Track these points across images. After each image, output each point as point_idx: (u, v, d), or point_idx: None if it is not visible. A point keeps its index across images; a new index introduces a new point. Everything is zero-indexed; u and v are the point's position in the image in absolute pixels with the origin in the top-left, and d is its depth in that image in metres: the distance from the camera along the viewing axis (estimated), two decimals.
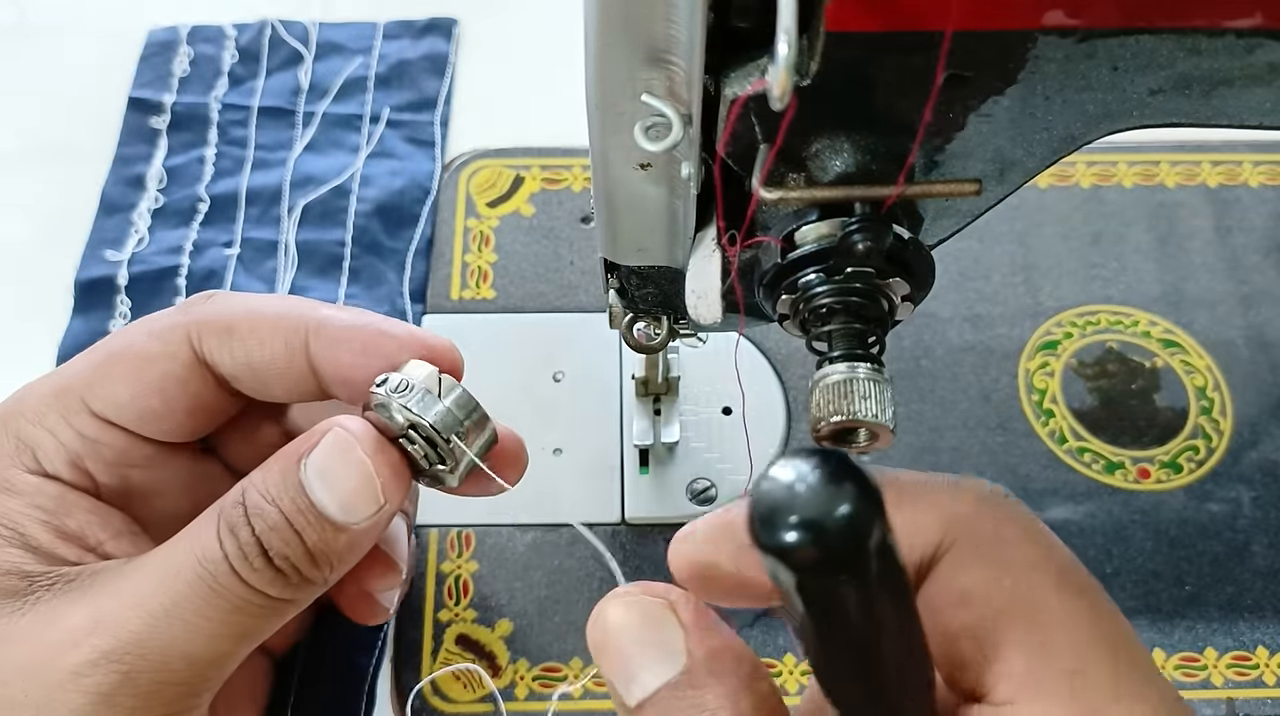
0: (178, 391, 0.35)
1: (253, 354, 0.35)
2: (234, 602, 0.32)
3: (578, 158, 0.59)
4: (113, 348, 0.36)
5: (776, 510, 0.18)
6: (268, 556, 0.32)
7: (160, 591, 0.32)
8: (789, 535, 0.18)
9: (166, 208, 0.58)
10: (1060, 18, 0.24)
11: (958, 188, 0.27)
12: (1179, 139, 0.60)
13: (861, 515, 0.18)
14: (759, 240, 0.30)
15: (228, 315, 0.35)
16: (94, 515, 0.35)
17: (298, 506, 0.33)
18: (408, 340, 0.35)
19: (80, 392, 0.35)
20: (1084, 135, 0.29)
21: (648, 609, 0.26)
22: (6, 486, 0.34)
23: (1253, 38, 0.26)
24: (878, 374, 0.28)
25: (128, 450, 0.35)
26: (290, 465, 0.33)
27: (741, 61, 0.26)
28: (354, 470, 0.33)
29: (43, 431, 0.34)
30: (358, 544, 0.34)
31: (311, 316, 0.35)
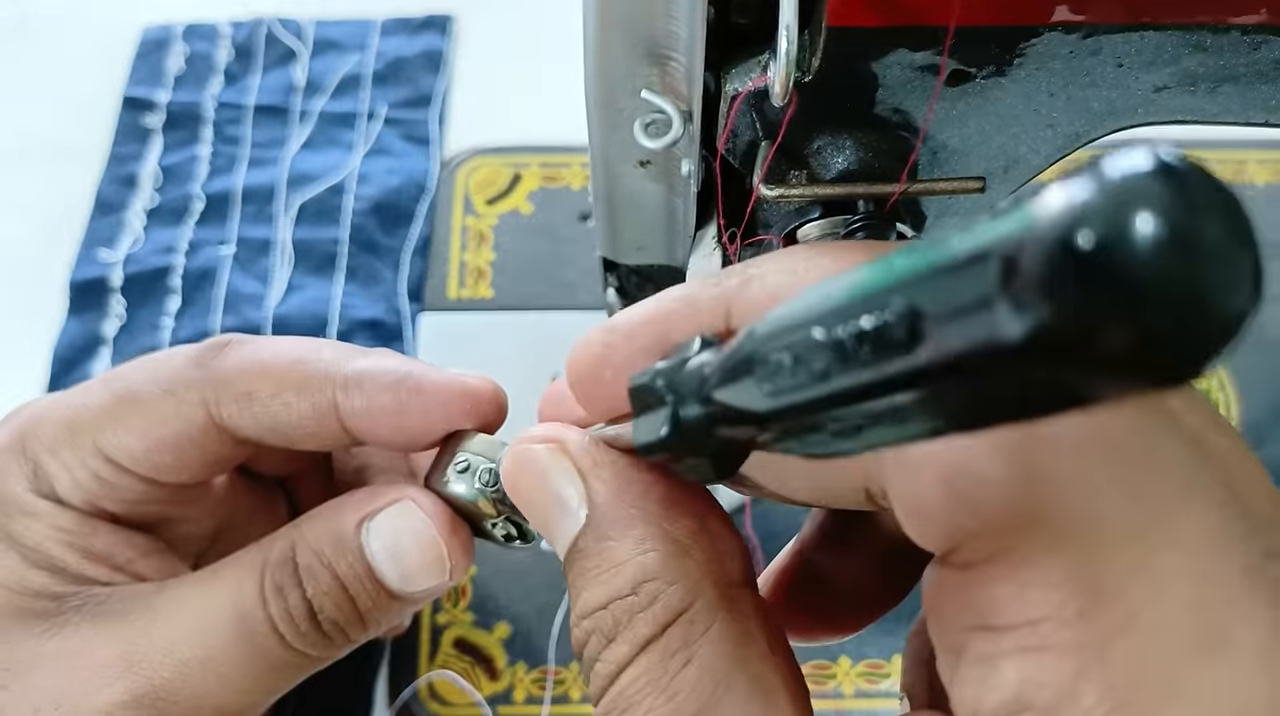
0: (192, 450, 0.33)
1: (278, 418, 0.33)
2: (272, 661, 0.31)
3: (577, 155, 0.59)
4: (121, 391, 0.33)
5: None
6: (316, 620, 0.31)
7: (196, 641, 0.31)
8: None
9: (161, 207, 0.57)
10: (1065, 13, 0.24)
11: (961, 185, 0.27)
12: (1184, 136, 0.60)
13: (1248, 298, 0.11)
14: (760, 238, 0.29)
15: (247, 377, 0.33)
16: (118, 535, 0.33)
17: (355, 572, 0.31)
18: (448, 392, 0.33)
19: (93, 435, 0.33)
20: (1089, 132, 0.28)
21: (537, 457, 0.23)
22: (30, 510, 0.33)
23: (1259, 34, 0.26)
24: None
25: (146, 491, 0.34)
26: (347, 527, 0.32)
27: (742, 58, 0.26)
28: (423, 546, 0.32)
29: (58, 465, 0.33)
30: (409, 609, 0.34)
31: (338, 374, 0.33)
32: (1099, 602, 0.16)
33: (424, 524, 0.32)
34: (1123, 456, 0.17)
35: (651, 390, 0.19)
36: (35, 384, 0.53)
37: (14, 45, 0.64)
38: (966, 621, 0.17)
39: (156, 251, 0.56)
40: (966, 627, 0.17)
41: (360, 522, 0.32)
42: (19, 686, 0.31)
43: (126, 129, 0.60)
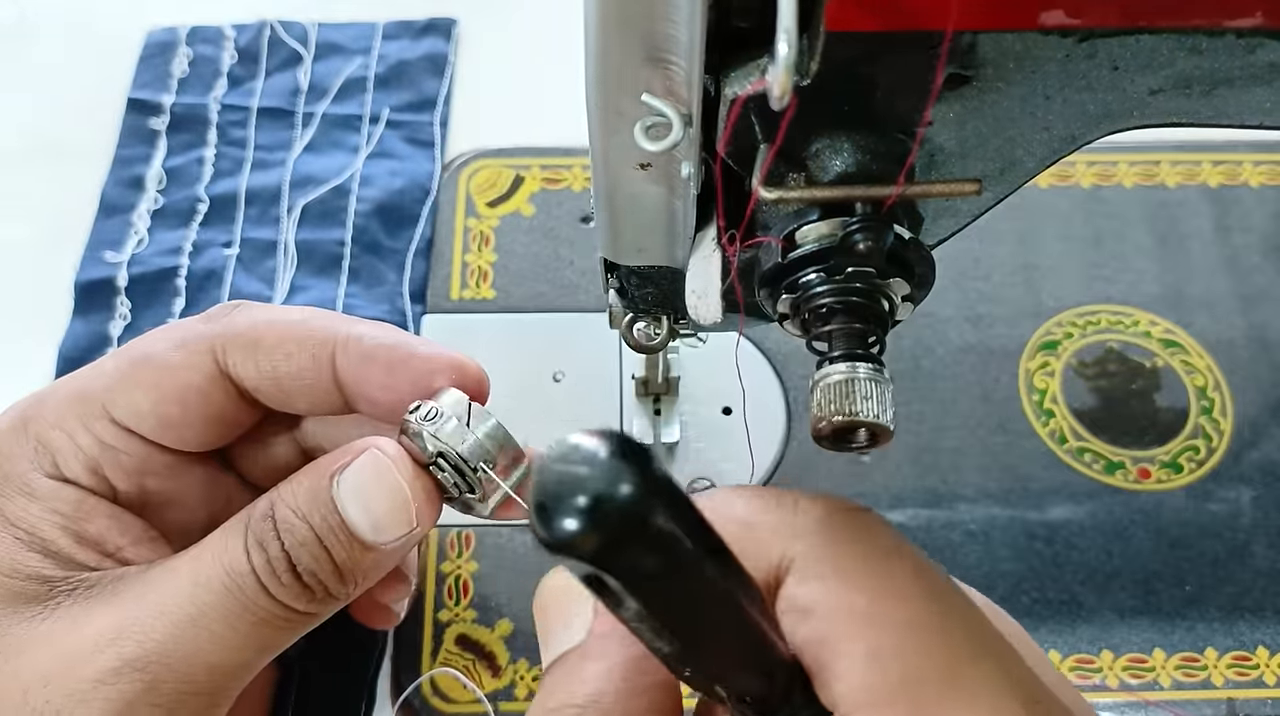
0: (198, 402, 0.35)
1: (279, 367, 0.35)
2: (259, 615, 0.32)
3: (578, 157, 0.59)
4: (135, 355, 0.35)
5: (550, 501, 0.17)
6: (296, 571, 0.32)
7: (186, 601, 0.31)
8: (566, 523, 0.17)
9: (166, 208, 0.58)
10: (1061, 17, 0.24)
11: (958, 188, 0.27)
12: (1179, 139, 0.60)
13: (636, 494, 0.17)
14: (759, 240, 0.30)
15: (254, 328, 0.35)
16: (113, 520, 0.34)
17: (329, 524, 0.32)
18: (437, 362, 0.35)
19: (101, 399, 0.34)
20: (1084, 135, 0.29)
21: (572, 585, 0.26)
22: (26, 490, 0.33)
23: (1253, 37, 0.26)
24: (878, 374, 0.27)
25: (146, 458, 0.35)
26: (321, 482, 0.33)
27: (741, 61, 0.26)
28: (388, 492, 0.33)
29: (62, 436, 0.34)
30: (384, 563, 0.34)
31: (340, 331, 0.35)
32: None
33: (385, 466, 0.33)
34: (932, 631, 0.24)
35: None
36: (41, 383, 0.53)
37: (18, 47, 0.64)
38: None
39: (161, 253, 0.56)
40: None
41: (332, 476, 0.33)
42: (9, 669, 0.31)
43: (131, 131, 0.60)
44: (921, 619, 0.24)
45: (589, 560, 0.17)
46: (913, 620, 0.24)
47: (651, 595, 0.19)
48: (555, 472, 0.18)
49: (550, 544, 0.17)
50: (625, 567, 0.18)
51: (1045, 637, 0.47)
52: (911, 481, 0.50)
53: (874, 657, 0.23)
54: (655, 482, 0.18)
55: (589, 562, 0.18)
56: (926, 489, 0.50)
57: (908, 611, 0.24)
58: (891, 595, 0.24)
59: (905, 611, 0.24)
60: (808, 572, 0.25)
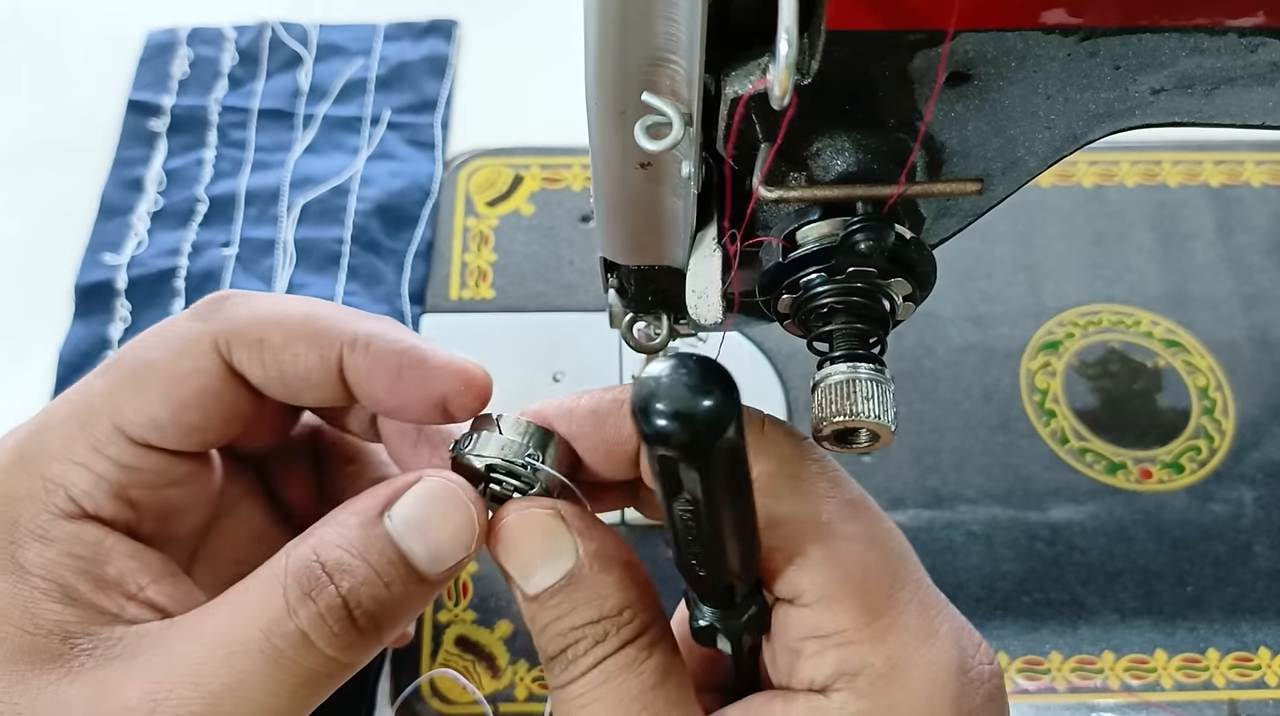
0: (215, 404, 0.34)
1: (285, 367, 0.34)
2: (303, 675, 0.30)
3: (577, 157, 0.59)
4: (135, 367, 0.33)
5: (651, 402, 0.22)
6: (351, 619, 0.31)
7: (222, 669, 0.30)
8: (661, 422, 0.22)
9: (165, 210, 0.58)
10: (1062, 16, 0.24)
11: (959, 187, 0.27)
12: (1181, 138, 0.60)
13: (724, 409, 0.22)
14: (760, 240, 0.29)
15: (259, 325, 0.34)
16: (134, 559, 0.32)
17: (387, 557, 0.31)
18: (445, 370, 0.34)
19: (110, 419, 0.32)
20: (1086, 134, 0.28)
21: (538, 516, 0.31)
22: (39, 534, 0.31)
23: (1255, 36, 0.26)
24: (879, 374, 0.27)
25: (167, 469, 0.34)
26: (372, 517, 0.31)
27: (742, 60, 0.26)
28: (453, 518, 0.32)
29: (73, 467, 0.32)
30: (432, 595, 0.34)
31: (347, 332, 0.34)
32: (873, 623, 0.29)
33: (453, 494, 0.32)
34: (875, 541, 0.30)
35: None
36: (41, 387, 0.53)
37: (18, 48, 0.64)
38: (803, 633, 0.29)
39: (160, 254, 0.56)
40: (802, 637, 0.29)
41: (383, 510, 0.32)
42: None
43: (131, 133, 0.60)
44: (868, 531, 0.30)
45: (678, 450, 0.22)
46: (861, 532, 0.30)
47: (711, 488, 0.24)
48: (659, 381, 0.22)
49: (650, 435, 0.22)
50: (701, 462, 0.23)
51: (1047, 638, 0.47)
52: (913, 481, 0.50)
53: (836, 561, 0.29)
54: (734, 401, 0.22)
55: (678, 452, 0.22)
56: (928, 489, 0.50)
57: (857, 525, 0.30)
58: (843, 513, 0.30)
59: (855, 526, 0.30)
60: (774, 490, 0.30)
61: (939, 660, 0.29)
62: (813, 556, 0.29)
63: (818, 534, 0.29)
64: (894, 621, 0.29)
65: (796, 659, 0.29)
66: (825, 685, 0.29)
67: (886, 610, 0.29)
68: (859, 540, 0.30)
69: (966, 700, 0.29)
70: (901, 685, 0.28)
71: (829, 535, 0.29)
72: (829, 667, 0.29)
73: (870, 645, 0.28)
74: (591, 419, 0.33)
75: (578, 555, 0.30)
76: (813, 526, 0.30)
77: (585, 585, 0.30)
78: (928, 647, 0.29)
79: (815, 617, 0.29)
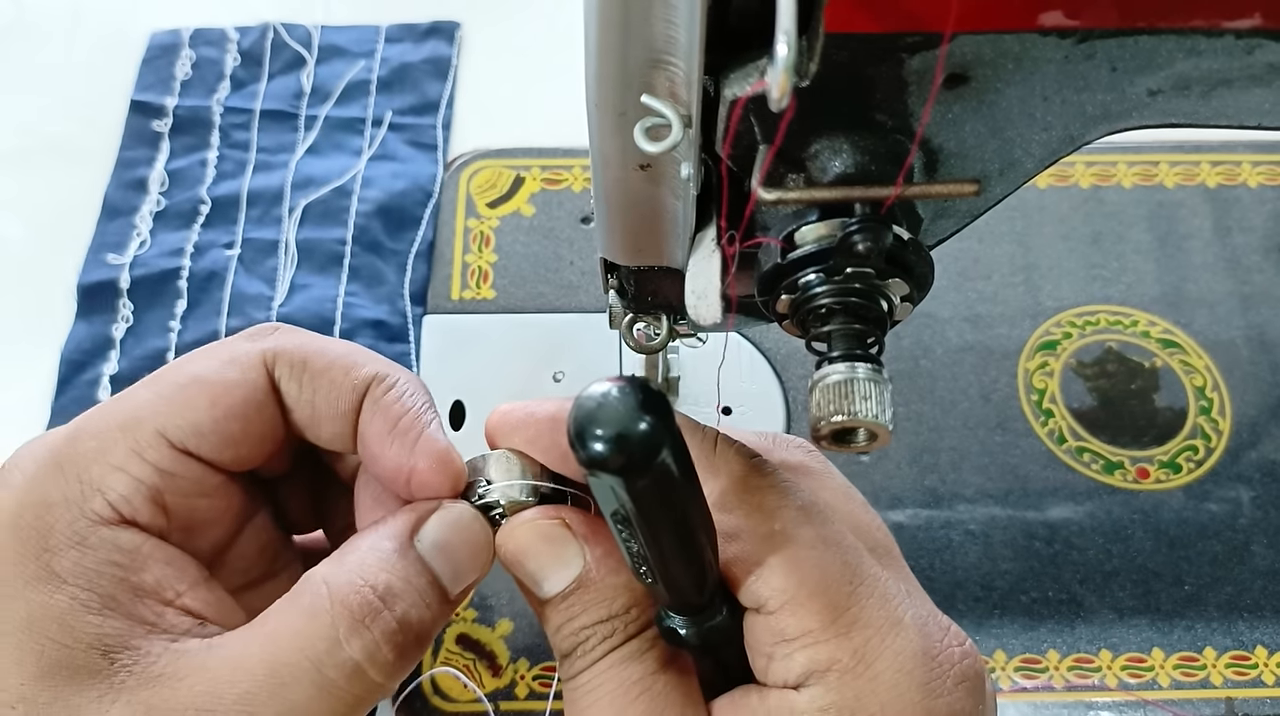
0: (257, 417, 0.34)
1: (319, 393, 0.34)
2: (351, 703, 0.31)
3: (578, 158, 0.59)
4: (182, 378, 0.34)
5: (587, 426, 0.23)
6: (402, 642, 0.31)
7: (272, 701, 0.29)
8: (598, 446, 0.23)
9: (168, 210, 0.58)
10: (1059, 18, 0.24)
11: (957, 188, 0.27)
12: (1178, 139, 0.61)
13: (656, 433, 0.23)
14: (759, 241, 0.30)
15: (303, 349, 0.35)
16: (170, 566, 0.32)
17: (426, 580, 0.32)
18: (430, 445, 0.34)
19: (154, 424, 0.32)
20: (1083, 136, 0.29)
21: (545, 526, 0.33)
22: (76, 540, 0.30)
23: (1252, 38, 0.26)
24: (877, 374, 0.28)
25: (201, 480, 0.33)
26: (406, 542, 0.32)
27: (741, 62, 0.26)
28: (471, 540, 0.34)
29: (111, 470, 0.31)
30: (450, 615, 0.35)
31: (378, 371, 0.35)
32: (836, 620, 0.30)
33: (474, 518, 0.34)
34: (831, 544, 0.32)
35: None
36: (44, 387, 0.53)
37: (21, 48, 0.64)
38: (772, 639, 0.30)
39: (163, 254, 0.56)
40: (772, 642, 0.30)
41: (412, 535, 0.33)
42: None
43: (134, 133, 0.60)
44: (821, 534, 0.31)
45: (613, 473, 0.23)
46: (815, 536, 0.31)
47: (645, 509, 0.25)
48: (593, 407, 0.23)
49: (585, 460, 0.23)
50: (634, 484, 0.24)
51: (1044, 637, 0.47)
52: (911, 481, 0.50)
53: (793, 567, 0.30)
54: (667, 425, 0.23)
55: (612, 475, 0.23)
56: (926, 489, 0.50)
57: (810, 530, 0.31)
58: (796, 520, 0.31)
59: (808, 530, 0.31)
60: (727, 505, 0.32)
61: (904, 648, 0.30)
62: (770, 565, 0.30)
63: (772, 543, 0.31)
64: (856, 616, 0.30)
65: (769, 662, 0.31)
66: (798, 683, 0.30)
67: (848, 606, 0.30)
68: (813, 544, 0.31)
69: (936, 684, 0.30)
70: (869, 676, 0.29)
71: (784, 542, 0.31)
72: (799, 668, 0.30)
73: (836, 642, 0.30)
74: (550, 425, 0.34)
75: (585, 560, 0.32)
76: (767, 537, 0.31)
77: (594, 587, 0.32)
78: (892, 637, 0.30)
79: (781, 623, 0.30)
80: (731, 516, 0.31)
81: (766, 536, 0.31)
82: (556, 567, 0.32)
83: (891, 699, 0.29)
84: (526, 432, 0.35)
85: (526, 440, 0.35)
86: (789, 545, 0.31)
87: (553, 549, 0.33)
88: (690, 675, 0.33)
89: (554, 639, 0.33)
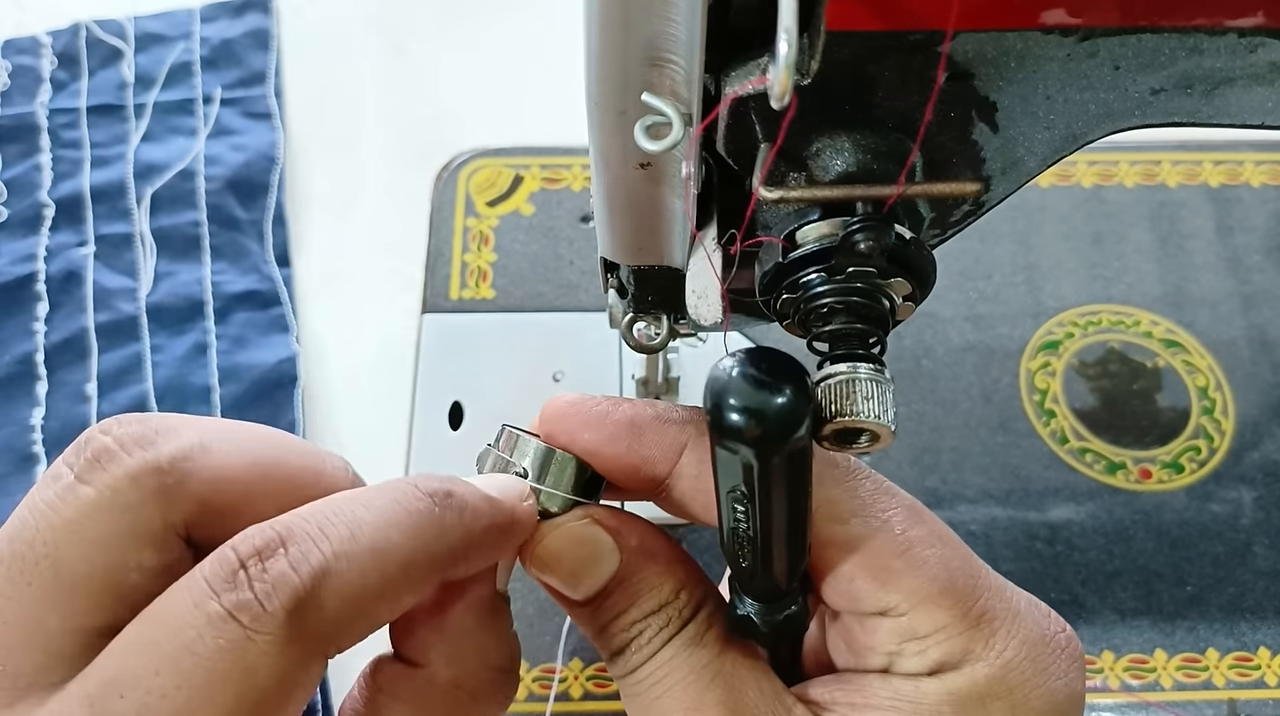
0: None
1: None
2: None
3: (577, 157, 0.59)
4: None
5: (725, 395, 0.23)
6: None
7: None
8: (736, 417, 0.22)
9: (10, 220, 0.58)
10: (1062, 16, 0.24)
11: (959, 188, 0.27)
12: (1180, 138, 0.60)
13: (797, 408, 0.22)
14: (760, 240, 0.29)
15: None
16: None
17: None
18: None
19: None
20: (1085, 134, 0.28)
21: (576, 530, 0.32)
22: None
23: (1255, 37, 0.26)
24: (879, 374, 0.27)
25: None
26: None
27: (742, 61, 0.26)
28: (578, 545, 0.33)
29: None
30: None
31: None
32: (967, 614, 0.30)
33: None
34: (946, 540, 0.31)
35: None
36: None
37: None
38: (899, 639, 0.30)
39: (15, 261, 0.57)
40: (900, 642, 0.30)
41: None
42: None
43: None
44: (935, 531, 0.31)
45: (748, 446, 0.23)
46: (930, 534, 0.31)
47: (771, 487, 0.25)
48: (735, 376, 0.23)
49: (721, 429, 0.23)
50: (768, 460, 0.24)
51: None
52: (912, 481, 0.50)
53: (921, 568, 0.30)
54: (807, 400, 0.23)
55: (747, 448, 0.23)
56: (927, 489, 0.50)
57: (924, 528, 0.31)
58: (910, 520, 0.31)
59: (922, 529, 0.31)
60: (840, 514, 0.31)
61: (1029, 635, 0.30)
62: (896, 569, 0.30)
63: (895, 547, 0.30)
64: (984, 609, 0.30)
65: (894, 658, 0.31)
66: (930, 674, 0.31)
67: (975, 600, 0.30)
68: (932, 542, 0.31)
69: (1056, 667, 0.31)
70: (1000, 665, 0.30)
71: (907, 545, 0.31)
72: (931, 661, 0.30)
73: (969, 635, 0.30)
74: (628, 430, 0.32)
75: (620, 554, 0.31)
76: (889, 541, 0.31)
77: (637, 579, 0.31)
78: (1017, 626, 0.30)
79: (912, 623, 0.30)
80: (848, 526, 0.31)
81: (888, 541, 0.31)
82: (592, 567, 0.31)
83: (1019, 683, 0.30)
84: (600, 434, 0.32)
85: (597, 441, 0.32)
86: (911, 546, 0.31)
87: (586, 549, 0.32)
88: (752, 649, 0.32)
89: (601, 639, 0.32)
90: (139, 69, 0.63)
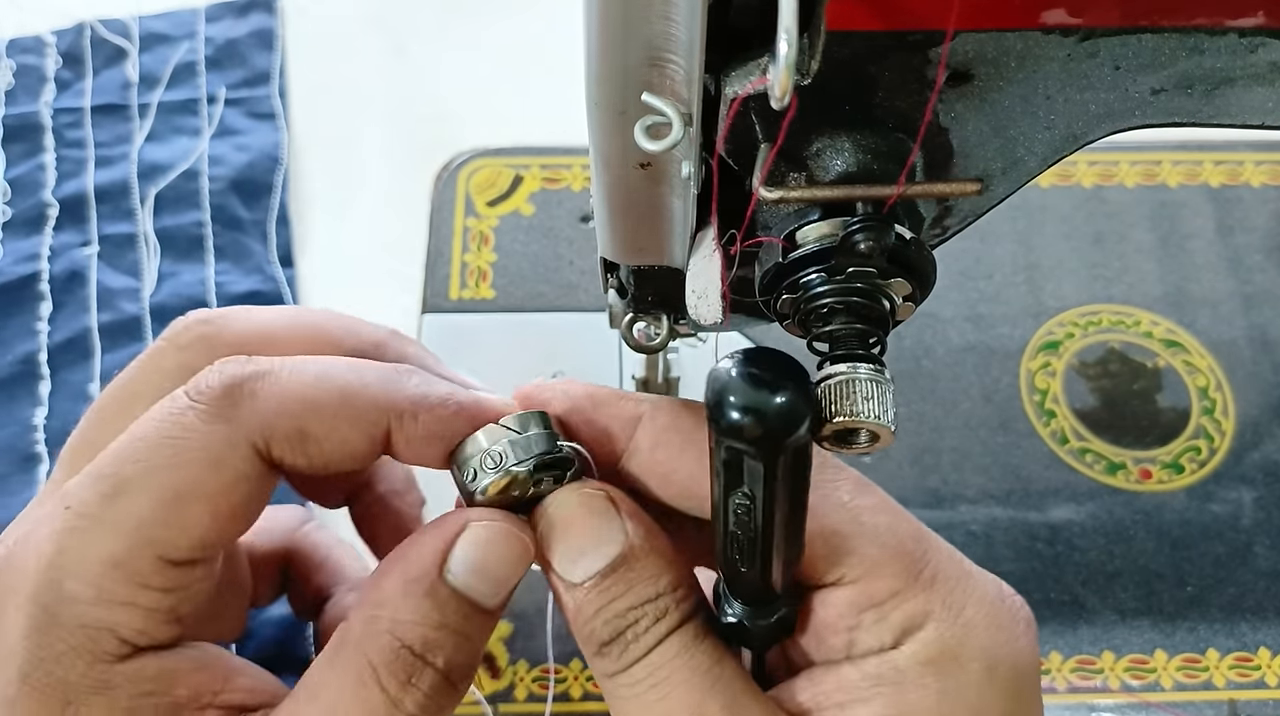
0: (259, 502, 0.31)
1: (331, 456, 0.31)
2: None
3: (577, 157, 0.59)
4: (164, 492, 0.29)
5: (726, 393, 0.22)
6: (452, 684, 0.30)
7: None
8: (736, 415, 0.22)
9: (14, 219, 0.58)
10: (1062, 16, 0.24)
11: (959, 188, 0.27)
12: (1181, 138, 0.60)
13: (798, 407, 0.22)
14: (760, 240, 0.29)
15: (293, 417, 0.30)
16: (200, 671, 0.30)
17: (463, 614, 0.30)
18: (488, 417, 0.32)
19: (152, 551, 0.29)
20: (1086, 134, 0.28)
21: (590, 499, 0.31)
22: (100, 686, 0.29)
23: (1255, 37, 0.26)
24: (879, 374, 0.27)
25: (209, 574, 0.31)
26: (436, 580, 0.30)
27: (742, 61, 0.26)
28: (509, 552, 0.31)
29: (117, 607, 0.29)
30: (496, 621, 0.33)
31: (394, 405, 0.31)
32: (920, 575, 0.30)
33: (504, 530, 0.31)
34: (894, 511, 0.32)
35: None
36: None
37: None
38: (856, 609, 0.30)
39: (18, 261, 0.57)
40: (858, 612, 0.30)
41: (440, 568, 0.30)
42: None
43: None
44: (882, 500, 0.32)
45: (749, 444, 0.23)
46: (878, 503, 0.32)
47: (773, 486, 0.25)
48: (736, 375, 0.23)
49: (722, 427, 0.23)
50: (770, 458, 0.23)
51: (1047, 638, 0.47)
52: (912, 481, 0.50)
53: (870, 534, 0.31)
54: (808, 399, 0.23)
55: (748, 446, 0.23)
56: (928, 489, 0.50)
57: (872, 497, 0.32)
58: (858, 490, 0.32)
59: (871, 498, 0.32)
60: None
61: (984, 595, 0.31)
62: (846, 533, 0.31)
63: (843, 514, 0.31)
64: (936, 570, 0.31)
65: (854, 634, 0.31)
66: (895, 643, 0.30)
67: (926, 562, 0.31)
68: (879, 510, 0.31)
69: (1013, 627, 0.31)
70: (962, 623, 0.30)
71: (854, 512, 0.31)
72: (895, 627, 0.30)
73: (925, 595, 0.30)
74: (587, 402, 0.33)
75: (628, 535, 0.30)
76: (837, 508, 0.31)
77: (640, 563, 0.30)
78: (970, 586, 0.31)
79: (867, 588, 0.30)
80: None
81: (836, 508, 0.31)
82: (597, 544, 0.30)
83: (986, 642, 0.30)
84: (562, 406, 0.33)
85: (562, 412, 0.33)
86: (859, 513, 0.31)
87: (595, 522, 0.30)
88: (741, 664, 0.31)
89: (589, 627, 0.30)
90: (143, 69, 0.63)
